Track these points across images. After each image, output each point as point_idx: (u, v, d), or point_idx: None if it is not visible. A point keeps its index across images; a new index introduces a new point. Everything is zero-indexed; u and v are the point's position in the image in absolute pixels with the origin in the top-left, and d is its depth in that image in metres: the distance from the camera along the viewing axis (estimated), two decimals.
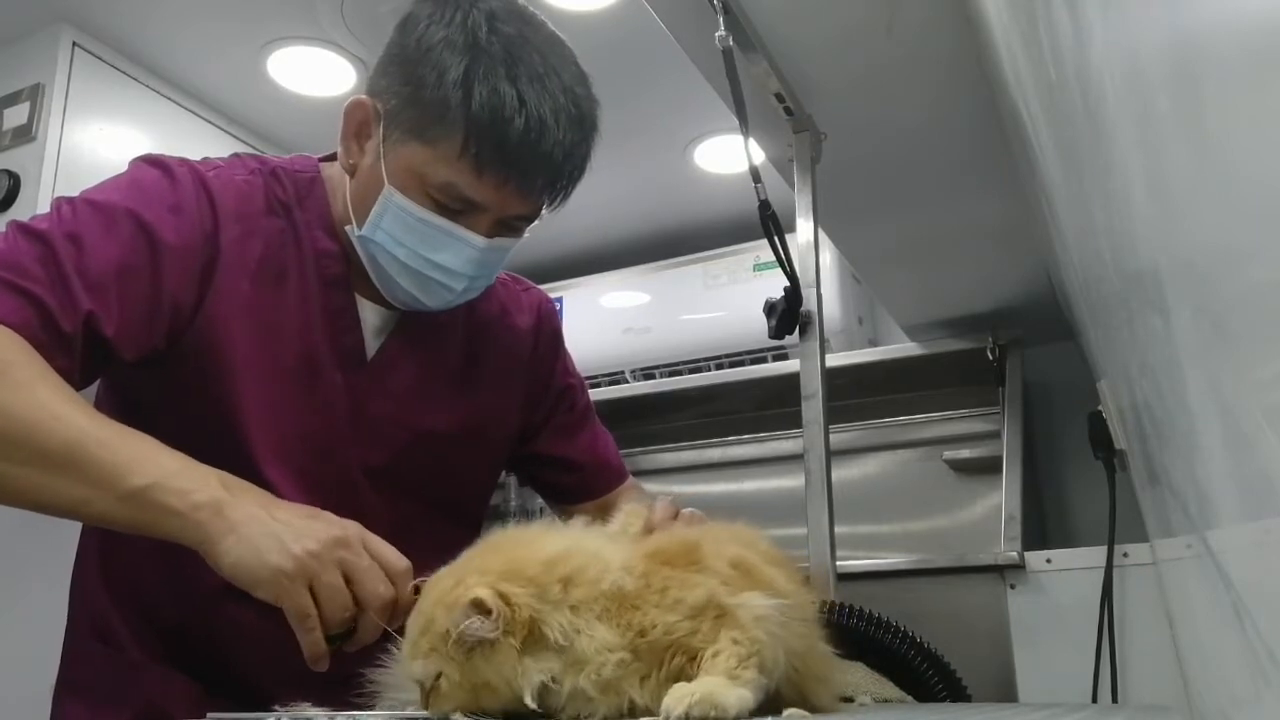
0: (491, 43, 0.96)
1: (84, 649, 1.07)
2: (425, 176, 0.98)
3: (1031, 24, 0.82)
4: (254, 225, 1.02)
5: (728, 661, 0.64)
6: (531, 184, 0.99)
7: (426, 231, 0.99)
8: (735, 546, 0.74)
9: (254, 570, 0.81)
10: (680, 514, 0.96)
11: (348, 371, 1.05)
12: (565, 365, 1.27)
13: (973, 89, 1.35)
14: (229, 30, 1.97)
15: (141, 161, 1.02)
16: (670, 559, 0.69)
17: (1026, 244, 1.75)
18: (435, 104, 0.95)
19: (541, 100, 0.96)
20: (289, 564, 0.80)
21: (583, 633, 0.64)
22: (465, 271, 1.02)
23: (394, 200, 0.99)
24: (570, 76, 1.00)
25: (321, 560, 0.81)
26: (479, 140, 0.95)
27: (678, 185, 2.47)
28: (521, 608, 0.64)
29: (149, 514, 0.82)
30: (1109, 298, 0.93)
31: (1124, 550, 1.54)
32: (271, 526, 0.82)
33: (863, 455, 2.37)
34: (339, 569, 0.82)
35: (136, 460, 0.83)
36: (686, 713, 0.59)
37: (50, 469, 0.82)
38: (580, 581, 0.66)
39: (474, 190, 0.97)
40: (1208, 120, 0.37)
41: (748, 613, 0.66)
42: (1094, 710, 1.17)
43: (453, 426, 1.12)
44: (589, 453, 1.26)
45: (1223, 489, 0.50)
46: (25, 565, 1.99)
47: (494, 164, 0.96)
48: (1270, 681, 0.44)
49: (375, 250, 1.02)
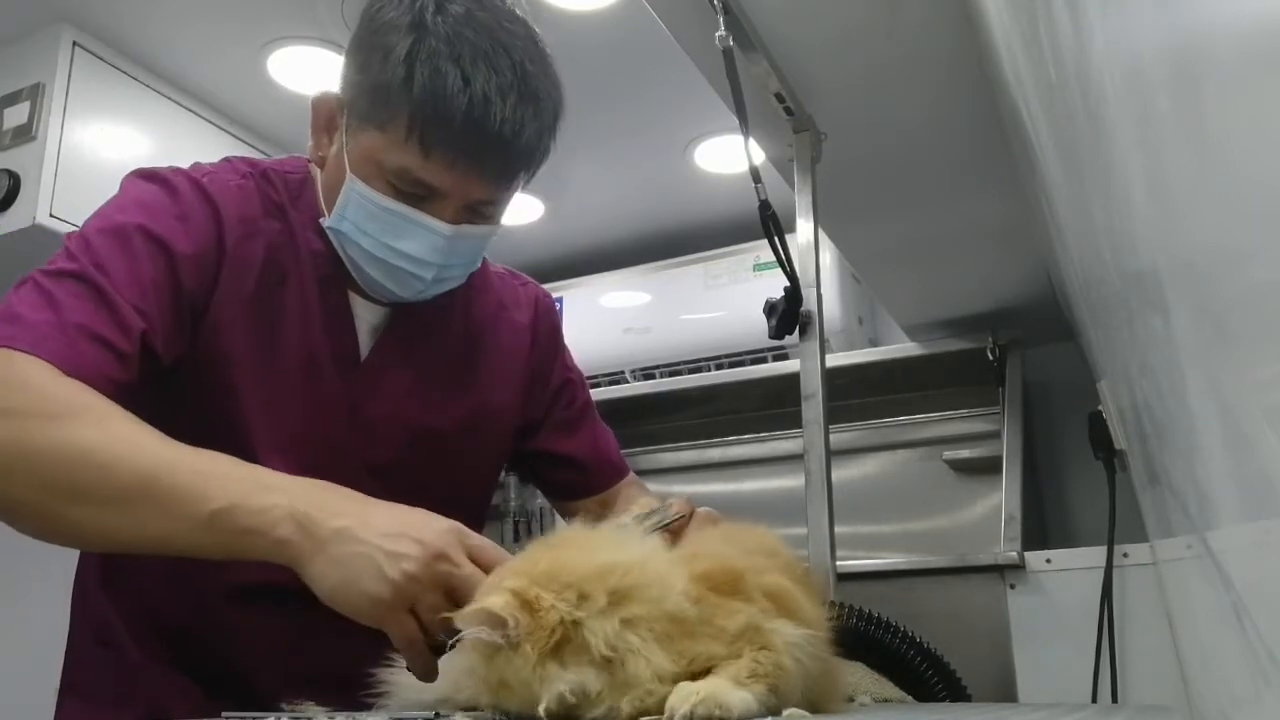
0: (437, 23, 0.95)
1: (86, 652, 1.07)
2: (381, 163, 0.97)
3: (1031, 24, 0.82)
4: (254, 228, 1.02)
5: (738, 671, 0.64)
6: (482, 164, 0.97)
7: (389, 219, 0.98)
8: (773, 575, 0.74)
9: (353, 601, 0.76)
10: (696, 513, 0.96)
11: (344, 372, 1.05)
12: (564, 360, 1.27)
13: (973, 89, 1.35)
14: (229, 30, 1.97)
15: (136, 177, 1.01)
16: (716, 585, 0.69)
17: (1026, 244, 1.75)
18: (382, 87, 0.95)
19: (488, 78, 0.94)
20: (388, 592, 0.75)
21: (639, 653, 0.63)
22: (432, 259, 1.00)
23: (356, 189, 0.99)
24: (522, 53, 0.98)
25: (422, 582, 0.76)
26: (423, 121, 0.93)
27: (678, 185, 2.47)
28: (548, 612, 0.63)
29: (232, 539, 0.79)
30: (1109, 298, 0.93)
31: (1124, 550, 1.54)
32: (363, 546, 0.77)
33: (863, 455, 2.37)
34: (440, 586, 0.76)
35: (210, 482, 0.80)
36: (691, 711, 0.59)
37: (127, 506, 0.79)
38: (640, 598, 0.65)
39: (427, 173, 0.96)
40: (1208, 120, 0.37)
41: (780, 638, 0.68)
42: (1094, 710, 1.17)
43: (452, 423, 1.12)
44: (590, 448, 1.25)
45: (1223, 489, 0.50)
46: (28, 569, 1.99)
47: (440, 145, 0.94)
48: (1270, 681, 0.44)
49: (343, 240, 1.02)
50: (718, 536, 0.85)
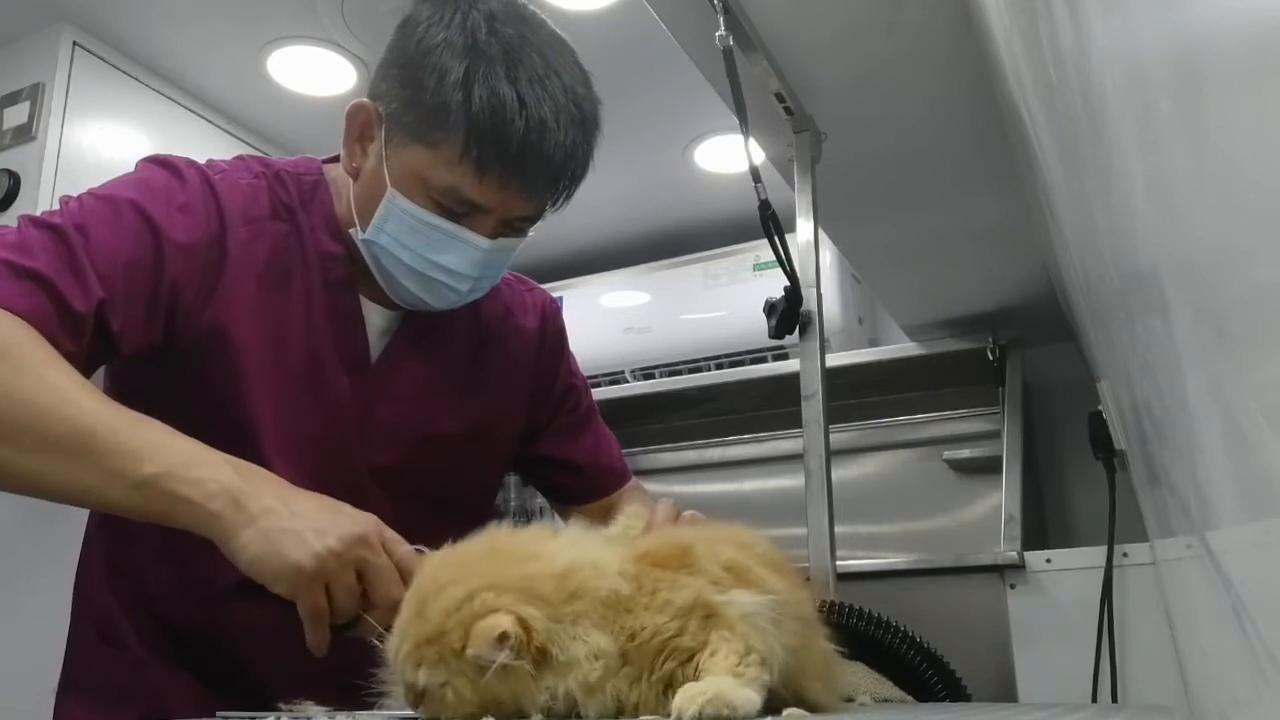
0: (490, 44, 0.96)
1: (87, 649, 1.07)
2: (428, 179, 0.98)
3: (1031, 24, 0.82)
4: (261, 229, 1.02)
5: (728, 659, 0.64)
6: (534, 185, 0.99)
7: (430, 234, 0.99)
8: (731, 549, 0.73)
9: (273, 567, 0.80)
10: (681, 516, 0.96)
11: (353, 374, 1.05)
12: (569, 366, 1.27)
13: (973, 89, 1.35)
14: (229, 30, 1.97)
15: (150, 161, 1.02)
16: (661, 560, 0.69)
17: (1026, 244, 1.75)
18: (436, 107, 0.95)
19: (542, 101, 0.96)
20: (309, 563, 0.80)
21: (578, 639, 0.64)
22: (470, 273, 1.02)
23: (397, 203, 0.99)
24: (571, 77, 1.00)
25: (342, 560, 0.81)
26: (480, 143, 0.95)
27: (678, 185, 2.47)
28: (539, 633, 0.63)
29: (162, 503, 0.81)
30: (1109, 298, 0.93)
31: (1124, 550, 1.53)
32: (291, 521, 0.81)
33: (863, 455, 2.37)
34: (355, 568, 0.82)
35: (150, 447, 0.82)
36: (699, 712, 0.59)
37: (59, 454, 0.80)
38: (583, 594, 0.66)
39: (476, 192, 0.97)
40: (1208, 121, 0.37)
41: (735, 610, 0.66)
42: (1094, 710, 1.17)
43: (459, 427, 1.12)
44: (592, 454, 1.26)
45: (1223, 489, 0.50)
46: (29, 566, 1.99)
47: (495, 166, 0.96)
48: (1270, 682, 0.44)
49: (379, 253, 1.02)
50: (687, 529, 0.85)
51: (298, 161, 1.11)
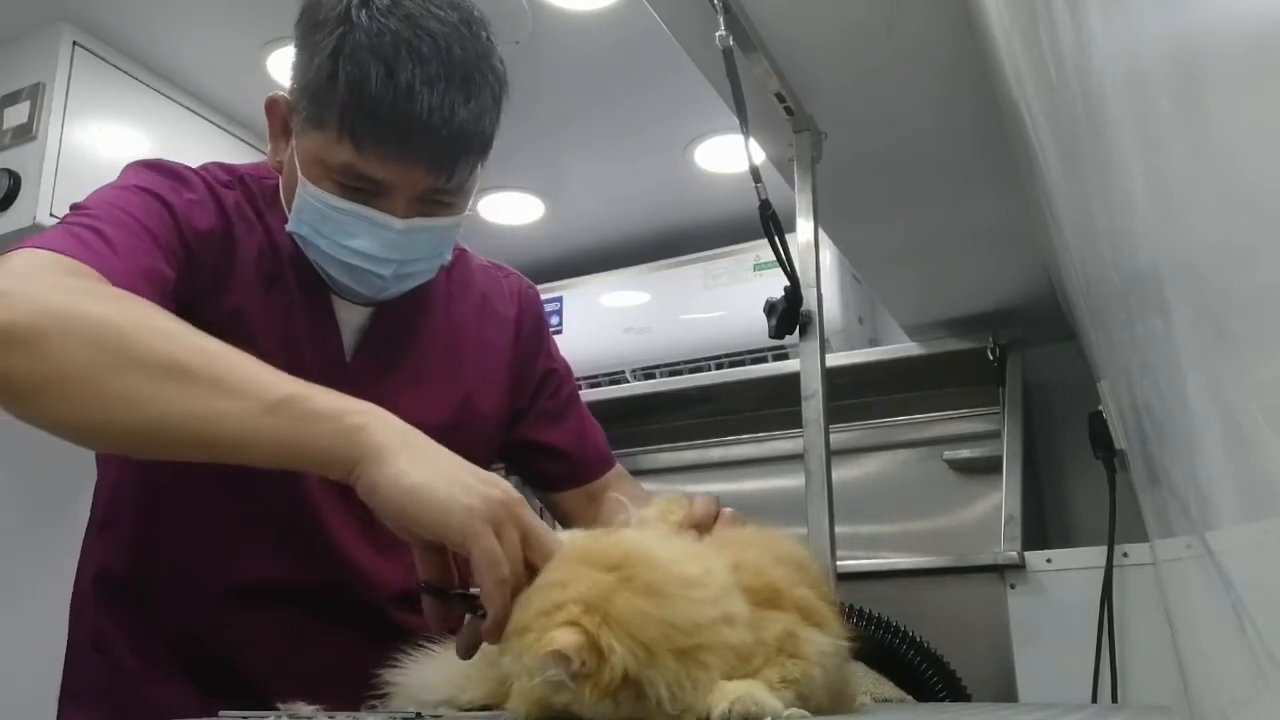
0: (361, 17, 0.94)
1: (83, 660, 1.07)
2: (325, 161, 0.96)
3: (1031, 24, 0.82)
4: (246, 230, 1.03)
5: (770, 677, 0.67)
6: (417, 154, 0.95)
7: (339, 218, 0.98)
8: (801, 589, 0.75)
9: (439, 501, 0.69)
10: (721, 514, 0.94)
11: (328, 374, 1.05)
12: (549, 350, 1.26)
13: (973, 89, 1.35)
14: (229, 30, 1.97)
15: (141, 166, 1.01)
16: (758, 600, 0.71)
17: (1026, 244, 1.75)
18: (316, 87, 0.94)
19: (413, 68, 0.93)
20: (480, 504, 0.69)
21: (701, 686, 0.63)
22: (388, 256, 0.99)
23: (308, 191, 0.98)
24: (449, 39, 0.95)
25: (509, 510, 0.70)
26: (352, 116, 0.93)
27: (678, 185, 2.47)
28: (616, 666, 0.61)
29: (299, 425, 0.73)
30: (1109, 298, 0.93)
31: (1124, 550, 1.54)
32: (449, 460, 0.73)
33: (863, 455, 2.37)
34: (519, 526, 0.71)
35: (280, 377, 0.76)
36: (730, 708, 0.61)
37: (186, 382, 0.74)
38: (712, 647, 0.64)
39: (367, 168, 0.95)
40: (1208, 121, 0.37)
41: (814, 647, 0.70)
42: (1094, 710, 1.17)
43: (440, 418, 1.11)
44: (575, 439, 1.25)
45: (1223, 489, 0.50)
46: (30, 573, 1.99)
47: (370, 138, 0.93)
48: (1270, 682, 0.44)
49: (304, 244, 1.02)
50: (749, 542, 0.82)
51: (260, 165, 1.10)
